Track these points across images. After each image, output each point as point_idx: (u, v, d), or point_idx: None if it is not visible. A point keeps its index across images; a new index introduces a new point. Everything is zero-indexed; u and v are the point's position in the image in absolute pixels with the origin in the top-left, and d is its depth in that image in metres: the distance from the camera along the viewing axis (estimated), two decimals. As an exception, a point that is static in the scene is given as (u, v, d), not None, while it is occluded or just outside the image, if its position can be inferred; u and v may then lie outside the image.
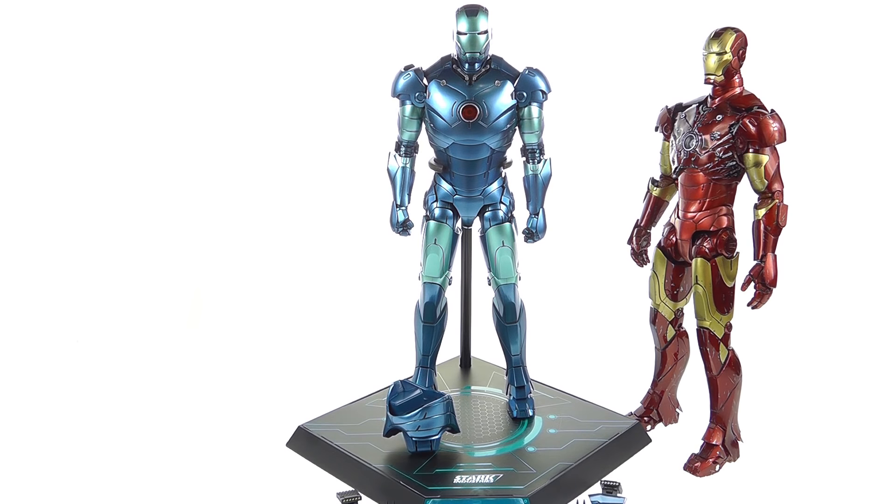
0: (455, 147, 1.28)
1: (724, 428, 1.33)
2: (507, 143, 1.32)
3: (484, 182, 1.33)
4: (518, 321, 1.35)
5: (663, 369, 1.44)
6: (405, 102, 1.30)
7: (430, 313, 1.35)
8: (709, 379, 1.33)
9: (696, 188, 1.30)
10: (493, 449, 1.24)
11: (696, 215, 1.31)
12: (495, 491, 1.11)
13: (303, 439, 1.29)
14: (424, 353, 1.38)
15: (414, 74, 1.29)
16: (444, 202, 1.35)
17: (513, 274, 1.34)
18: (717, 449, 1.31)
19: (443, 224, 1.34)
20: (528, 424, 1.32)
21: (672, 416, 1.48)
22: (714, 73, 1.26)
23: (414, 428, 1.18)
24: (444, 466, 1.18)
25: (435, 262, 1.34)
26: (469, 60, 1.26)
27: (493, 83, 1.27)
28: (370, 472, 1.17)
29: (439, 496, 1.10)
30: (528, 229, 1.35)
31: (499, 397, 1.43)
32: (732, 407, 1.33)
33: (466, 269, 1.47)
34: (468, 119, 1.26)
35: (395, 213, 1.35)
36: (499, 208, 1.35)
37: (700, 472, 1.30)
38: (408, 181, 1.34)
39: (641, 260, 1.48)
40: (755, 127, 1.23)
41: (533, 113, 1.29)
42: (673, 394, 1.47)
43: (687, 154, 1.30)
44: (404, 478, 1.14)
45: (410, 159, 1.34)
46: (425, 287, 1.35)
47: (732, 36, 1.25)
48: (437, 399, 1.20)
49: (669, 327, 1.42)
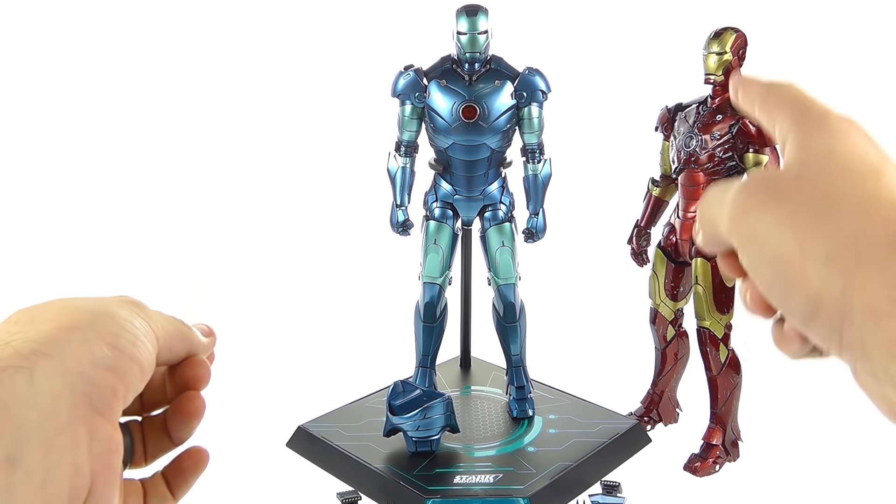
0: (455, 147, 1.28)
1: (724, 428, 1.33)
2: (507, 143, 1.32)
3: (484, 182, 1.33)
4: (518, 321, 1.35)
5: (663, 369, 1.44)
6: (405, 102, 1.30)
7: (430, 313, 1.35)
8: (709, 379, 1.33)
9: (696, 188, 1.30)
10: (493, 449, 1.24)
11: (696, 215, 1.31)
12: (495, 491, 1.11)
13: (303, 439, 1.29)
14: (424, 353, 1.38)
15: (414, 74, 1.29)
16: (444, 202, 1.35)
17: (513, 274, 1.34)
18: (717, 449, 1.31)
19: (443, 224, 1.34)
20: (528, 424, 1.32)
21: (672, 416, 1.48)
22: (714, 73, 1.26)
23: (414, 428, 1.18)
24: (444, 466, 1.17)
25: (435, 262, 1.34)
26: (469, 60, 1.26)
27: (493, 83, 1.27)
28: (370, 472, 1.17)
29: (439, 496, 1.10)
30: (528, 229, 1.35)
31: (499, 397, 1.43)
32: (732, 407, 1.33)
33: (466, 269, 1.47)
34: (468, 119, 1.26)
35: (395, 213, 1.35)
36: (499, 208, 1.35)
37: (700, 472, 1.30)
38: (408, 181, 1.34)
39: (641, 260, 1.48)
40: (755, 127, 1.23)
41: (533, 113, 1.29)
42: (673, 394, 1.47)
43: (687, 154, 1.30)
44: (404, 478, 1.14)
45: (410, 159, 1.34)
46: (425, 287, 1.35)
47: (732, 36, 1.25)
48: (437, 399, 1.20)
49: (669, 327, 1.42)
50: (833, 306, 0.34)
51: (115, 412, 0.38)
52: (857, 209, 0.35)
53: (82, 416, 0.36)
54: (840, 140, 0.38)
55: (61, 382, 0.35)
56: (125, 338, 0.39)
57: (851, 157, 0.37)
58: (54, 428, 0.35)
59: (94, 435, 0.36)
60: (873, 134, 0.39)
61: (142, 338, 0.40)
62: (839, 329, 0.34)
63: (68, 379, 0.36)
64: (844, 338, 0.34)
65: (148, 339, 0.41)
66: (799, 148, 0.39)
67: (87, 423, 0.36)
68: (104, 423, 0.37)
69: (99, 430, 0.36)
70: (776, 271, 0.36)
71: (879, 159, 0.37)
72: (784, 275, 0.36)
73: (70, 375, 0.36)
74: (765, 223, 0.37)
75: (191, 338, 0.46)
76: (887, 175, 0.36)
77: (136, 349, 0.39)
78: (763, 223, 0.37)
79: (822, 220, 0.35)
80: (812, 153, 0.38)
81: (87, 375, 0.36)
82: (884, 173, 0.36)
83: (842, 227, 0.34)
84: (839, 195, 0.35)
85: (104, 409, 0.37)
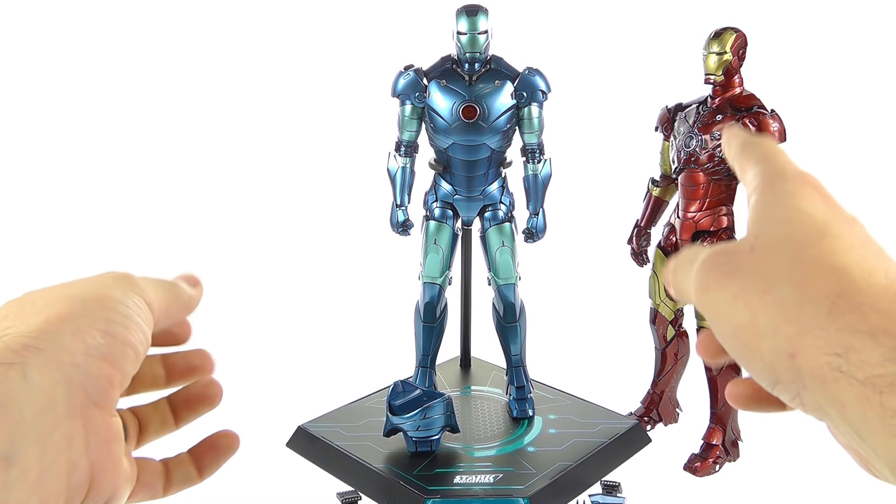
0: (455, 147, 1.28)
1: (724, 428, 1.33)
2: (507, 143, 1.32)
3: (484, 182, 1.33)
4: (518, 321, 1.35)
5: (663, 369, 1.44)
6: (405, 102, 1.30)
7: (430, 313, 1.35)
8: (709, 379, 1.33)
9: (696, 188, 1.30)
10: (493, 449, 1.24)
11: (696, 215, 1.31)
12: (495, 491, 1.11)
13: (303, 439, 1.29)
14: (424, 353, 1.37)
15: (414, 74, 1.29)
16: (444, 202, 1.35)
17: (513, 274, 1.34)
18: (717, 449, 1.31)
19: (443, 224, 1.34)
20: (528, 424, 1.32)
21: (672, 416, 1.48)
22: (714, 73, 1.26)
23: (414, 428, 1.18)
24: (444, 466, 1.17)
25: (435, 262, 1.34)
26: (469, 60, 1.26)
27: (493, 83, 1.27)
28: (370, 472, 1.17)
29: (439, 496, 1.10)
30: (528, 229, 1.35)
31: (499, 397, 1.43)
32: (732, 407, 1.33)
33: (466, 269, 1.47)
34: (468, 119, 1.26)
35: (395, 213, 1.35)
36: (499, 208, 1.34)
37: (700, 472, 1.30)
38: (408, 181, 1.34)
39: (641, 260, 1.48)
40: (755, 127, 1.22)
41: (533, 113, 1.29)
42: (673, 394, 1.47)
43: (687, 154, 1.30)
44: (404, 478, 1.14)
45: (410, 159, 1.34)
46: (425, 287, 1.35)
47: (732, 36, 1.25)
48: (437, 399, 1.20)
49: (669, 327, 1.42)
50: (787, 375, 0.36)
51: (112, 401, 0.38)
52: (798, 279, 0.36)
53: (78, 410, 0.36)
54: (790, 204, 0.39)
55: (56, 377, 0.35)
56: (118, 322, 0.38)
57: (799, 222, 0.38)
58: (50, 424, 0.34)
59: (91, 428, 0.36)
60: (827, 188, 0.40)
61: (135, 318, 0.39)
62: (798, 394, 0.36)
63: (63, 372, 0.35)
64: (805, 401, 0.36)
65: (142, 317, 0.40)
66: (754, 214, 0.41)
67: (83, 417, 0.36)
68: (101, 413, 0.37)
69: (95, 422, 0.36)
70: (738, 344, 0.38)
71: (825, 221, 0.38)
72: (744, 348, 0.38)
73: (65, 368, 0.35)
74: (723, 300, 0.38)
75: (181, 295, 0.45)
76: (828, 239, 0.37)
77: (129, 332, 0.39)
78: (721, 300, 0.38)
79: (769, 293, 0.36)
80: (764, 222, 0.39)
81: (82, 367, 0.36)
82: (826, 236, 0.37)
83: (786, 298, 0.36)
84: (784, 265, 0.37)
85: (101, 400, 0.37)
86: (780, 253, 0.37)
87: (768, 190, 0.40)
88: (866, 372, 0.33)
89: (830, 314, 0.34)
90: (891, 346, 0.32)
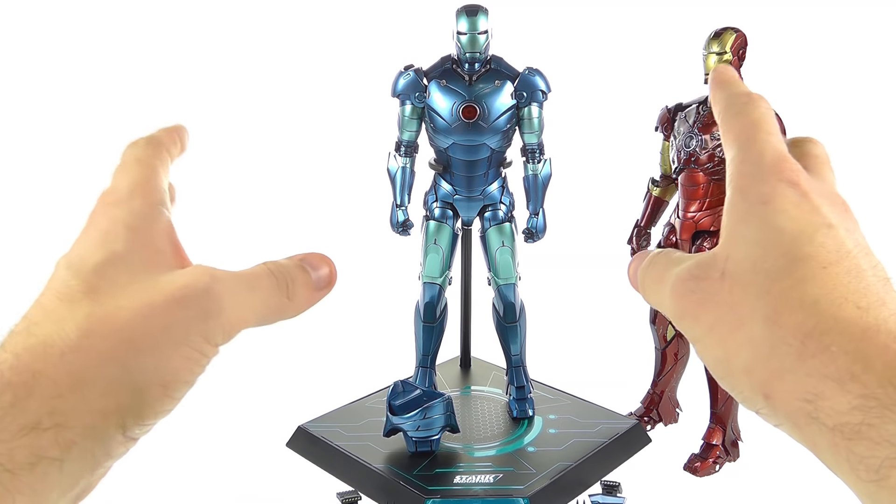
0: (455, 147, 1.28)
1: (724, 428, 1.33)
2: (507, 143, 1.32)
3: (484, 182, 1.33)
4: (518, 321, 1.35)
5: (663, 369, 1.44)
6: (405, 102, 1.30)
7: (430, 313, 1.35)
8: (709, 379, 1.33)
9: (696, 188, 1.30)
10: (493, 449, 1.24)
11: (696, 215, 1.31)
12: (495, 491, 1.11)
13: (303, 439, 1.29)
14: (424, 353, 1.38)
15: (414, 74, 1.29)
16: (444, 202, 1.35)
17: (513, 274, 1.34)
18: (717, 449, 1.31)
19: (443, 224, 1.34)
20: (528, 424, 1.32)
21: (672, 416, 1.48)
22: (714, 73, 1.26)
23: (414, 428, 1.18)
24: (444, 466, 1.17)
25: (435, 262, 1.34)
26: (469, 60, 1.26)
27: (493, 83, 1.27)
28: (370, 472, 1.17)
29: (439, 496, 1.10)
30: (528, 229, 1.35)
31: (499, 397, 1.43)
32: (732, 407, 1.33)
33: (466, 269, 1.47)
34: (468, 119, 1.26)
35: (394, 213, 1.35)
36: (499, 208, 1.34)
37: (700, 472, 1.30)
38: (408, 181, 1.34)
39: (641, 260, 1.48)
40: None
41: (533, 113, 1.29)
42: (673, 394, 1.47)
43: (687, 154, 1.30)
44: (404, 478, 1.14)
45: (410, 159, 1.34)
46: (425, 287, 1.35)
47: (732, 36, 1.25)
48: (437, 399, 1.20)
49: (669, 327, 1.41)
50: (764, 411, 0.37)
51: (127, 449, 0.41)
52: (768, 316, 0.35)
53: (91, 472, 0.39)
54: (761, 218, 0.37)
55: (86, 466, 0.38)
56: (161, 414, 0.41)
57: (768, 245, 0.37)
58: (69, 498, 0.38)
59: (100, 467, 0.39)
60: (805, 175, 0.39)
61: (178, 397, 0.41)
62: (779, 425, 0.38)
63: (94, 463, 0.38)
64: (786, 430, 0.38)
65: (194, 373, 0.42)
66: (726, 221, 0.40)
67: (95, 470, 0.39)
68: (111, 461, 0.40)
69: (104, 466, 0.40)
70: (717, 374, 0.39)
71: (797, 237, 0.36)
72: (723, 380, 0.39)
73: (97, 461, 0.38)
74: (699, 330, 0.39)
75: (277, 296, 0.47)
76: (799, 263, 0.36)
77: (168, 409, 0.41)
78: (697, 330, 0.39)
79: (741, 329, 0.36)
80: (733, 241, 0.38)
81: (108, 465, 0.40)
82: (796, 259, 0.36)
83: (756, 337, 0.36)
84: (753, 298, 0.36)
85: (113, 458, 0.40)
86: (749, 284, 0.36)
87: (740, 194, 0.39)
88: (834, 420, 0.33)
89: (800, 357, 0.34)
90: (857, 392, 0.32)
